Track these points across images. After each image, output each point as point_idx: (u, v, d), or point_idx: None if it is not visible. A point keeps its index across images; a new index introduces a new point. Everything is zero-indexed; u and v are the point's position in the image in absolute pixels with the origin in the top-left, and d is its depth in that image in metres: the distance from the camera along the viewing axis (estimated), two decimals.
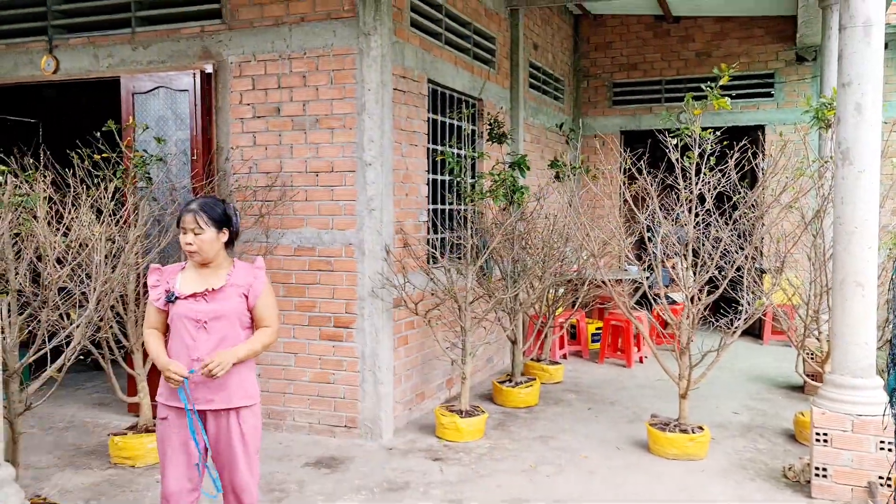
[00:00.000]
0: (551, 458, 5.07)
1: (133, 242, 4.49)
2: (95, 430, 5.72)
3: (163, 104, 5.79)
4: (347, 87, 5.34)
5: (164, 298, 3.07)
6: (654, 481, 4.67)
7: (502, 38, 7.65)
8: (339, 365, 5.42)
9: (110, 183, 4.73)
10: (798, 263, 5.92)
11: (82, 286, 4.15)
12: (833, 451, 4.31)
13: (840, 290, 4.37)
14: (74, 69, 6.17)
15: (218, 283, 3.09)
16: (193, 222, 3.06)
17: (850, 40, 4.26)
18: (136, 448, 4.90)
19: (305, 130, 5.46)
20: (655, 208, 5.29)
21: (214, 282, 3.10)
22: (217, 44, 5.69)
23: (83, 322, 3.90)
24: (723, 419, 5.95)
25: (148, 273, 3.18)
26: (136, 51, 5.94)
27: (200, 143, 5.63)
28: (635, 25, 10.13)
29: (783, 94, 9.38)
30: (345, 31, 5.32)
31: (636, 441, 5.42)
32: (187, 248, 3.07)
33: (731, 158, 5.25)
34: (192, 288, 3.09)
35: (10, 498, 2.72)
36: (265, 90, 5.57)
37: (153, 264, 3.23)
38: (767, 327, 8.96)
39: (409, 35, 5.73)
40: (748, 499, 4.40)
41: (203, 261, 3.09)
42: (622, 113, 10.21)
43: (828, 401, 4.38)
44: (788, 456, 5.06)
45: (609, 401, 6.56)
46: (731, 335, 5.09)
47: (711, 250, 5.11)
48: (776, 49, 9.43)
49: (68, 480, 4.67)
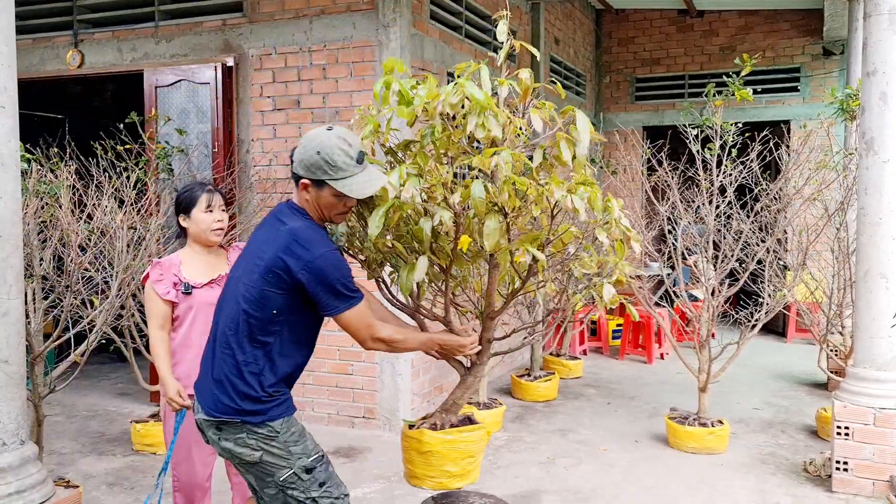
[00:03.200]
0: (570, 451, 5.06)
1: (154, 231, 4.55)
2: (118, 418, 5.81)
3: (185, 97, 5.86)
4: (367, 79, 5.36)
5: (179, 290, 3.02)
6: (673, 474, 4.64)
7: (523, 32, 7.64)
8: (357, 356, 5.45)
9: (132, 173, 4.80)
10: (821, 256, 5.84)
11: (104, 273, 4.22)
12: (854, 444, 4.25)
13: (864, 282, 4.31)
14: (99, 63, 6.27)
15: (226, 268, 3.07)
16: (222, 201, 3.07)
17: (874, 28, 4.19)
18: (157, 435, 4.96)
19: (325, 123, 5.49)
20: (676, 200, 5.25)
21: (221, 267, 3.09)
22: (238, 37, 5.74)
23: (105, 308, 3.96)
24: (744, 415, 5.89)
25: (150, 268, 3.08)
26: (158, 44, 6.02)
27: (221, 135, 5.69)
28: (658, 20, 10.06)
29: (809, 89, 9.26)
30: (364, 23, 5.34)
31: (655, 435, 5.38)
32: (217, 227, 3.03)
33: (753, 150, 5.19)
34: (206, 275, 3.07)
35: (33, 475, 2.78)
36: (285, 83, 5.61)
37: (154, 259, 3.16)
38: (791, 324, 8.85)
39: (429, 28, 5.75)
40: (768, 492, 4.35)
41: (219, 242, 3.09)
42: (644, 108, 10.14)
43: (850, 394, 4.31)
44: (810, 451, 5.00)
45: (629, 396, 6.52)
46: (750, 329, 5.04)
47: (732, 243, 5.06)
48: (802, 43, 9.31)
49: (91, 465, 4.75)
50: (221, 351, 2.37)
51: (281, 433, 2.35)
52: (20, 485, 2.74)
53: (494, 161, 2.33)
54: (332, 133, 2.31)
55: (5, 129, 2.73)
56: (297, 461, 2.35)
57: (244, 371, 2.32)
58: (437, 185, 2.39)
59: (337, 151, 2.29)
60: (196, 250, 3.10)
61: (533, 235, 2.53)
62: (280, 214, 2.41)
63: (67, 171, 4.26)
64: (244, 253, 2.49)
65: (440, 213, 2.34)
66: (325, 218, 2.43)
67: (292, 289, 2.30)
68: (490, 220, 2.36)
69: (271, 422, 2.34)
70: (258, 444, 2.33)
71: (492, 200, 2.39)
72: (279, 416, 2.36)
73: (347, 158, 2.30)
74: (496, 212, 2.42)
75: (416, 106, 2.43)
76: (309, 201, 2.38)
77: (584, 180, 2.48)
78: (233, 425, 2.34)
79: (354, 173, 2.31)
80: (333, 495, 2.40)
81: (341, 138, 2.31)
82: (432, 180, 2.39)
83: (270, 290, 2.30)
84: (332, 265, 2.29)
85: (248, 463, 2.36)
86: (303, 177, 2.34)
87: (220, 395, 2.34)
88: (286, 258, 2.27)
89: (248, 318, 2.32)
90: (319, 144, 2.29)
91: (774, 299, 5.02)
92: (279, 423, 2.36)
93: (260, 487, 2.40)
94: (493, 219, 2.37)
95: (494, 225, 2.36)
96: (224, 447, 2.37)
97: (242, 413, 2.32)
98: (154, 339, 3.01)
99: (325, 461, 2.43)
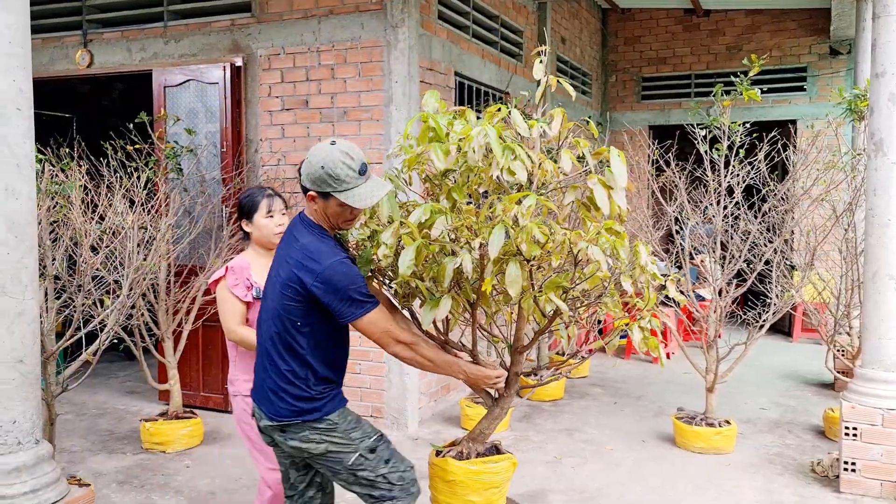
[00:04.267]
0: (576, 451, 5.07)
1: (165, 231, 4.57)
2: (127, 416, 5.84)
3: (193, 97, 5.88)
4: (375, 79, 5.38)
5: (251, 293, 3.08)
6: (680, 474, 4.65)
7: (530, 31, 7.65)
8: (365, 355, 5.47)
9: (143, 173, 4.82)
10: (828, 257, 5.84)
11: (115, 273, 4.24)
12: (862, 445, 4.25)
13: (872, 284, 4.31)
14: (108, 63, 6.29)
15: None
16: (282, 204, 3.14)
17: (883, 30, 4.19)
18: (166, 434, 4.99)
19: (333, 123, 5.51)
20: (683, 201, 5.26)
21: None
22: (247, 37, 5.76)
23: (116, 308, 3.99)
24: (751, 415, 5.89)
25: (223, 273, 3.13)
26: (167, 44, 6.04)
27: (230, 135, 5.71)
28: (664, 19, 10.05)
29: (816, 89, 9.24)
30: (373, 23, 5.36)
31: (662, 434, 5.39)
32: (279, 230, 3.09)
33: (760, 151, 5.20)
34: None
35: (48, 474, 2.80)
36: (294, 83, 5.63)
37: (228, 263, 3.15)
38: (797, 324, 8.85)
39: (437, 28, 5.76)
40: (776, 493, 4.36)
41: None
42: (650, 108, 10.14)
43: (858, 395, 4.32)
44: (817, 451, 5.00)
45: (635, 395, 6.54)
46: (758, 329, 5.04)
47: (740, 243, 5.07)
48: (809, 42, 9.30)
49: (101, 464, 4.78)
50: (269, 363, 2.55)
51: (339, 423, 2.54)
52: (35, 483, 2.76)
53: (515, 210, 2.35)
54: (335, 148, 2.42)
55: (21, 131, 2.75)
56: (361, 444, 2.55)
57: (290, 378, 2.51)
58: (461, 227, 2.42)
59: (340, 165, 2.39)
60: (260, 253, 3.20)
61: (556, 281, 2.54)
62: (294, 230, 2.57)
63: (79, 171, 4.29)
64: (270, 270, 2.64)
65: (462, 257, 2.40)
66: (335, 226, 2.55)
67: (309, 301, 2.45)
68: (512, 266, 2.39)
69: (328, 416, 2.53)
70: (321, 438, 2.52)
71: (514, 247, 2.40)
72: (334, 410, 2.55)
73: (350, 171, 2.40)
74: (518, 258, 2.42)
75: (451, 142, 2.46)
76: (317, 211, 2.51)
77: (610, 226, 2.46)
78: (294, 425, 2.52)
79: (358, 184, 2.42)
80: (400, 469, 2.61)
81: (344, 152, 2.41)
82: (457, 222, 2.42)
83: (291, 303, 2.46)
84: (341, 273, 2.41)
85: (317, 455, 2.55)
86: (310, 189, 2.47)
87: (277, 401, 2.52)
88: (300, 273, 2.43)
89: (278, 332, 2.51)
90: (323, 159, 2.40)
91: (782, 300, 5.03)
92: (336, 416, 2.55)
93: (334, 475, 2.59)
94: (515, 264, 2.39)
95: (516, 272, 2.39)
96: (292, 446, 2.55)
97: (301, 413, 2.51)
98: (243, 333, 3.06)
99: (384, 440, 2.63)
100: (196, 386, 5.93)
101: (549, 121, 2.53)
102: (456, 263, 2.41)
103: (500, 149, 2.38)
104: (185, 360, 5.70)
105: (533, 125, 2.55)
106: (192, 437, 5.08)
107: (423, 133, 2.56)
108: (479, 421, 2.92)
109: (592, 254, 2.36)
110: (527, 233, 2.33)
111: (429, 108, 2.57)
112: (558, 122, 2.51)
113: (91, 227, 4.00)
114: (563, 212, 2.51)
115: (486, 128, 2.41)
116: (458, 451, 2.87)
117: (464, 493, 2.82)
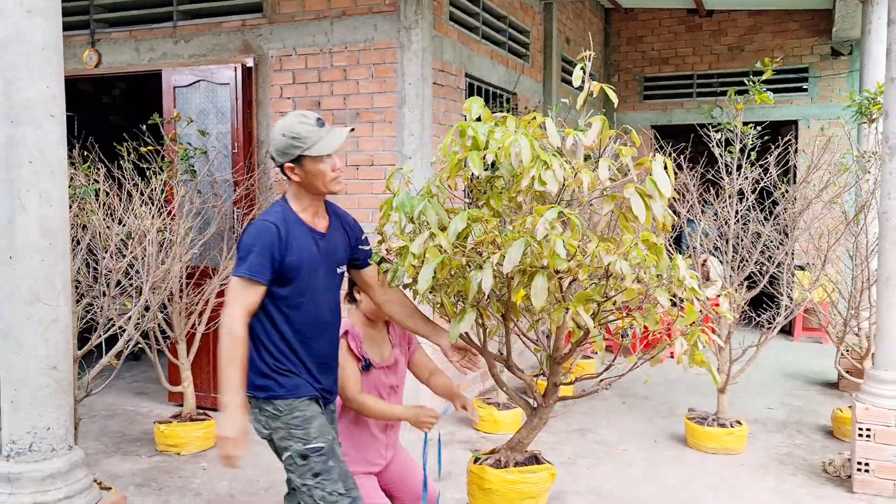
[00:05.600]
0: (589, 451, 5.11)
1: (184, 235, 4.57)
2: (137, 418, 5.83)
3: (204, 98, 5.87)
4: (388, 80, 5.38)
5: (360, 364, 2.89)
6: (695, 474, 4.70)
7: (536, 31, 7.66)
8: None
9: (158, 176, 4.81)
10: (838, 258, 5.89)
11: (136, 277, 4.24)
12: (876, 446, 4.30)
13: (886, 286, 4.35)
14: (116, 63, 6.26)
15: (390, 353, 2.94)
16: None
17: None
18: (181, 436, 4.99)
19: (346, 124, 5.51)
20: (695, 202, 5.29)
21: (387, 348, 2.96)
22: (258, 38, 5.75)
23: (137, 311, 3.99)
24: (758, 415, 5.95)
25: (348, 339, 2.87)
26: (177, 44, 6.02)
27: (241, 136, 5.70)
28: (667, 19, 10.09)
29: (817, 89, 9.30)
30: (386, 25, 5.36)
31: (673, 435, 5.44)
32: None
33: (772, 154, 5.24)
34: (379, 355, 2.97)
35: (80, 480, 2.81)
36: (305, 84, 5.63)
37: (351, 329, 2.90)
38: (798, 323, 8.92)
39: (448, 29, 5.77)
40: (789, 493, 4.41)
41: None
42: (653, 107, 10.18)
43: (871, 396, 4.37)
44: (827, 451, 5.06)
45: (642, 395, 6.58)
46: (770, 330, 5.09)
47: (751, 246, 5.11)
48: (811, 43, 9.35)
49: (117, 466, 4.78)
50: None
51: (282, 414, 2.49)
52: (69, 490, 2.77)
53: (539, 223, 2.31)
54: (288, 115, 2.54)
55: (55, 137, 2.75)
56: (295, 444, 2.47)
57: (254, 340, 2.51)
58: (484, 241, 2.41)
59: (297, 126, 2.48)
60: (365, 323, 2.97)
61: (586, 295, 2.50)
62: None
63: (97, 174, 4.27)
64: None
65: (485, 272, 2.37)
66: (325, 191, 2.56)
67: None
68: (538, 278, 2.35)
69: (275, 399, 2.50)
70: (267, 422, 2.52)
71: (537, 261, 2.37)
72: (285, 397, 2.50)
73: (309, 126, 2.49)
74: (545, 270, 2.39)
75: (488, 151, 2.46)
76: (301, 183, 2.54)
77: (647, 237, 2.42)
78: (250, 399, 2.53)
79: (321, 136, 2.49)
80: (328, 489, 2.44)
81: (297, 114, 2.53)
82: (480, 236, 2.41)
83: None
84: (248, 229, 2.51)
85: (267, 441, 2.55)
86: (284, 163, 2.52)
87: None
88: None
89: None
90: (282, 128, 2.51)
91: (794, 301, 5.07)
92: (283, 404, 2.49)
93: None
94: (542, 277, 2.35)
95: (542, 284, 2.34)
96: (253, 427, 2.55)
97: (253, 387, 2.51)
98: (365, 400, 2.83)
99: (325, 454, 2.48)
100: (208, 388, 5.93)
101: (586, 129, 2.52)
102: (477, 280, 2.39)
103: (531, 159, 2.38)
104: (197, 361, 5.70)
105: (570, 133, 2.55)
106: (206, 439, 5.08)
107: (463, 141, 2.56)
108: (518, 430, 2.93)
109: (621, 268, 2.33)
110: (550, 246, 2.31)
111: (472, 114, 2.58)
112: (596, 130, 2.50)
113: (112, 231, 3.99)
114: (601, 222, 2.50)
115: (520, 137, 2.41)
116: (497, 460, 2.89)
117: (500, 502, 2.83)
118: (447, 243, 2.36)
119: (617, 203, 2.46)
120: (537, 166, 2.36)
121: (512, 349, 2.86)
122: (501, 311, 2.73)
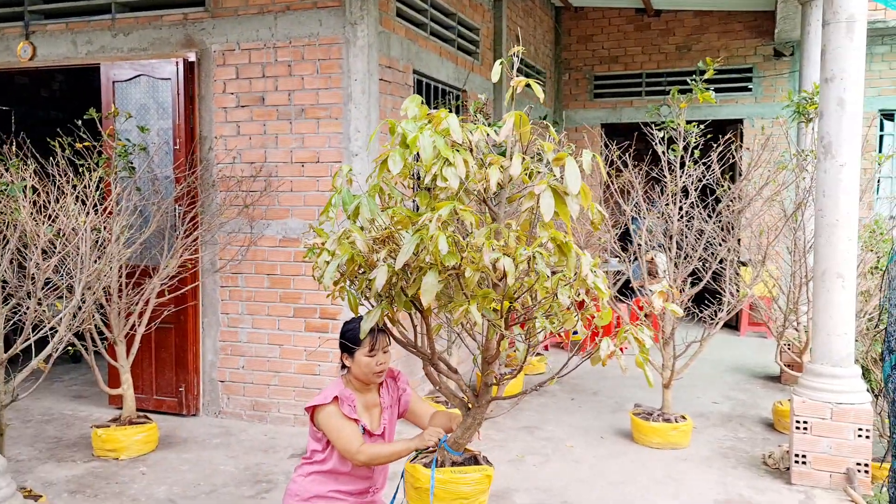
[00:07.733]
0: (538, 448, 5.12)
1: (119, 233, 4.42)
2: (75, 422, 5.65)
3: (144, 93, 5.71)
4: (333, 76, 5.30)
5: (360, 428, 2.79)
6: (640, 469, 4.74)
7: (486, 29, 7.65)
8: (324, 357, 5.41)
9: (93, 172, 4.65)
10: (778, 254, 6.02)
11: (68, 277, 4.09)
12: (812, 438, 4.40)
13: (821, 282, 4.46)
14: (52, 56, 6.05)
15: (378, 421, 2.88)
16: (387, 342, 2.80)
17: (833, 36, 4.33)
18: (119, 440, 4.85)
19: (291, 120, 5.42)
20: (639, 199, 5.35)
21: (376, 407, 2.89)
22: (200, 32, 5.61)
23: (68, 313, 3.84)
24: (703, 409, 6.04)
25: (334, 400, 2.76)
26: (116, 38, 5.84)
27: (183, 132, 5.56)
28: (616, 18, 10.19)
29: (761, 89, 9.51)
30: (331, 20, 5.28)
31: (620, 430, 5.48)
32: (380, 369, 2.76)
33: (715, 152, 5.32)
34: (369, 422, 2.88)
35: (2, 489, 2.68)
36: (249, 79, 5.51)
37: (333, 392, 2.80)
38: (744, 318, 9.10)
39: (395, 25, 5.71)
40: (731, 485, 4.48)
41: (379, 381, 2.88)
42: (603, 106, 10.28)
43: (808, 389, 4.47)
44: (768, 444, 5.16)
45: (591, 391, 6.63)
46: (713, 326, 5.17)
47: (695, 242, 5.18)
48: (754, 44, 9.55)
49: (51, 473, 4.61)
50: None
51: None
52: None
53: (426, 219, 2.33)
54: None
55: None
56: None
57: None
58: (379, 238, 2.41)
59: None
60: (356, 386, 2.86)
61: (484, 293, 2.49)
62: None
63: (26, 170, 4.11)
64: None
65: (378, 269, 2.39)
66: None
67: None
68: (429, 275, 2.34)
69: None
70: None
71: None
72: None
73: None
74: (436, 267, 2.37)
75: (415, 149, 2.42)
76: None
77: (555, 235, 2.42)
78: None
79: None
80: None
81: None
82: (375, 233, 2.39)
83: None
84: None
85: None
86: None
87: None
88: None
89: None
90: None
91: (737, 297, 5.16)
92: None
93: None
94: (433, 274, 2.34)
95: (431, 280, 2.33)
96: None
97: None
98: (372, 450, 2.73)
99: None
100: (149, 389, 5.77)
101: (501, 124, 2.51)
102: (372, 275, 2.39)
103: (430, 155, 2.34)
104: (138, 363, 5.55)
105: (480, 129, 2.53)
106: (146, 443, 4.95)
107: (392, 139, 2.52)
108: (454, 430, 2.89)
109: (504, 265, 2.31)
110: (434, 242, 2.29)
111: (410, 113, 2.53)
112: (509, 126, 2.48)
113: (42, 229, 3.83)
114: (520, 219, 2.49)
115: (422, 134, 2.36)
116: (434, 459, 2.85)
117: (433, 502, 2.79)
118: (363, 241, 2.33)
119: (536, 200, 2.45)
120: (439, 163, 2.33)
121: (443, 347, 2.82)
122: (410, 307, 2.67)
